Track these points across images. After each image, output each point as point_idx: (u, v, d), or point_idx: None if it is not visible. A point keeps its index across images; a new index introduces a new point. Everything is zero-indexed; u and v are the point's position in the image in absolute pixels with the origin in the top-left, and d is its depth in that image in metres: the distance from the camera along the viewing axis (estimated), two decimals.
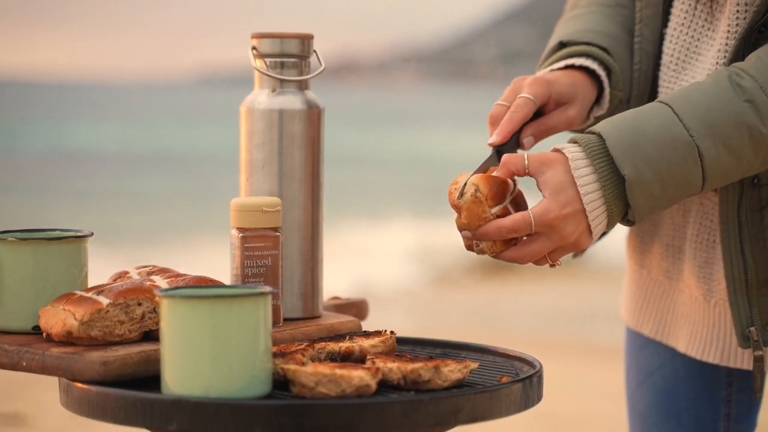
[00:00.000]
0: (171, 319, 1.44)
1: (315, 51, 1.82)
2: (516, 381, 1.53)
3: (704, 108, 1.72)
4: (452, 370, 1.51)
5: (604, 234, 1.90)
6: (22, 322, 1.66)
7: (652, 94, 1.98)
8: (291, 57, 1.79)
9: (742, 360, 1.97)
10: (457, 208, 1.65)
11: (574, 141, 1.71)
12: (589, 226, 1.68)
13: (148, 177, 21.08)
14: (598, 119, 1.94)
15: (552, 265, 1.73)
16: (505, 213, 1.67)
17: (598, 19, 1.99)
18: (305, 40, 1.80)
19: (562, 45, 1.96)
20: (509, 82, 1.88)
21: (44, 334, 1.61)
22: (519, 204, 1.70)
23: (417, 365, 1.50)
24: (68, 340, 1.57)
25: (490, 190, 1.64)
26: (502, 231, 1.65)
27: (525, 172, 1.68)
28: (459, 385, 1.52)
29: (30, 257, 1.66)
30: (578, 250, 1.73)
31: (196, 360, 1.43)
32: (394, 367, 1.51)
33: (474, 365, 1.54)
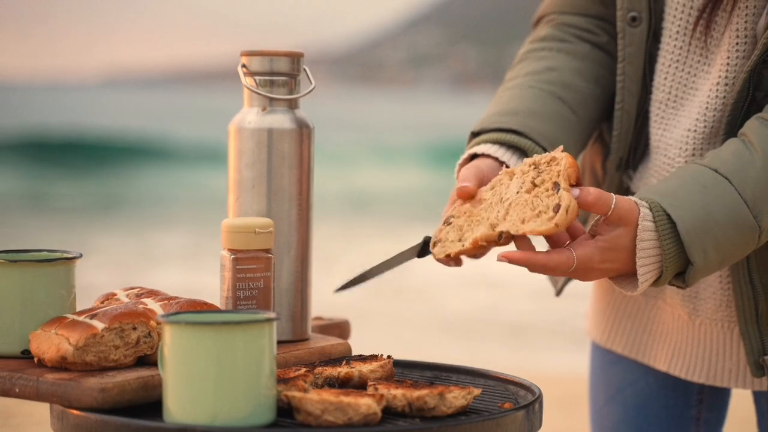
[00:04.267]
0: (174, 345, 1.41)
1: (305, 69, 1.79)
2: (519, 408, 1.52)
3: (762, 183, 1.72)
4: (456, 397, 1.50)
5: None
6: (10, 345, 1.62)
7: (639, 131, 1.99)
8: (281, 75, 1.76)
9: (729, 379, 1.98)
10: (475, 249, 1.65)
11: (649, 208, 1.69)
12: (617, 285, 1.70)
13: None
14: None
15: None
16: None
17: (515, 96, 1.99)
18: (295, 58, 1.77)
19: (473, 135, 1.96)
20: (418, 85, 1.89)
21: (36, 359, 1.57)
22: None
23: (423, 392, 1.48)
24: (62, 365, 1.53)
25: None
26: (547, 269, 1.65)
27: (605, 214, 1.66)
28: (462, 411, 1.50)
29: (18, 279, 1.62)
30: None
31: (200, 387, 1.40)
32: (398, 394, 1.49)
33: (477, 391, 1.53)
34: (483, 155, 1.89)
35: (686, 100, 1.92)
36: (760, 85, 1.81)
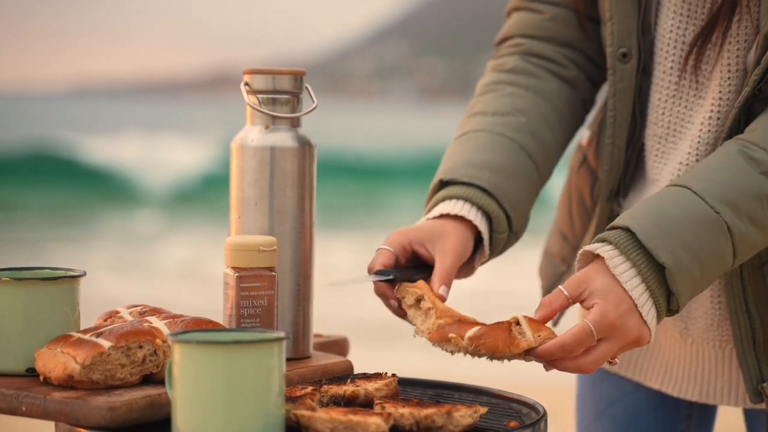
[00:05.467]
0: (184, 364, 1.41)
1: (307, 87, 1.80)
2: (525, 426, 1.53)
3: (723, 186, 1.71)
4: (463, 415, 1.50)
5: None
6: (15, 363, 1.62)
7: (628, 162, 1.99)
8: (283, 93, 1.77)
9: (721, 397, 1.99)
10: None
11: (603, 240, 1.69)
12: (643, 319, 1.66)
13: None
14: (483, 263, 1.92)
15: (611, 363, 1.69)
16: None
17: (485, 144, 1.94)
18: (298, 76, 1.78)
19: (442, 183, 1.92)
20: (385, 96, 1.88)
21: (41, 378, 1.57)
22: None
23: (430, 411, 1.49)
24: (68, 383, 1.53)
25: (538, 330, 1.63)
26: (566, 349, 1.62)
27: (570, 303, 1.66)
28: (469, 429, 1.51)
29: (22, 297, 1.61)
30: (641, 345, 1.68)
31: (210, 406, 1.40)
32: (406, 413, 1.49)
33: (483, 410, 1.53)
34: (455, 216, 1.86)
35: (683, 133, 1.92)
36: (751, 118, 1.81)
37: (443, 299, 1.76)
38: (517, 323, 1.62)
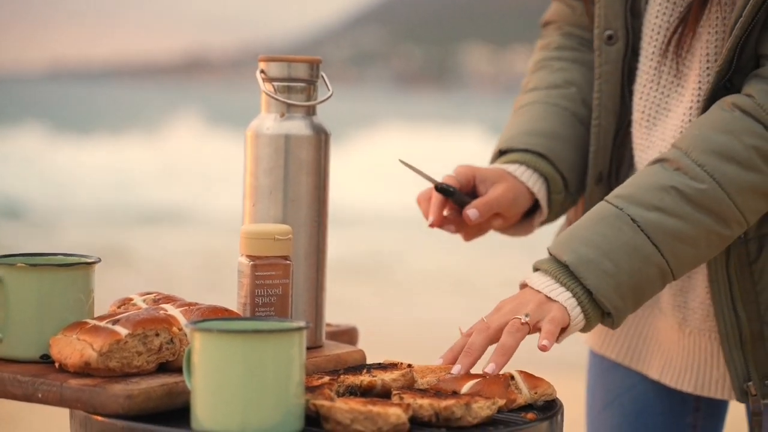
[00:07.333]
0: (204, 353, 1.40)
1: (322, 75, 1.79)
2: (543, 419, 1.53)
3: (629, 187, 1.78)
4: (482, 407, 1.50)
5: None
6: (29, 350, 1.60)
7: (620, 147, 2.01)
8: (299, 81, 1.76)
9: (716, 389, 1.99)
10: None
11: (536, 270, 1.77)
12: (548, 296, 1.70)
13: None
14: (542, 224, 2.05)
15: (542, 347, 1.66)
16: None
17: (540, 114, 2.05)
18: (314, 64, 1.77)
19: (501, 153, 2.03)
20: (362, 83, 1.93)
21: (56, 364, 1.56)
22: None
23: (450, 402, 1.49)
24: (85, 371, 1.52)
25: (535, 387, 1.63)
26: (465, 339, 1.69)
27: (529, 326, 1.68)
28: (488, 421, 1.51)
29: (36, 283, 1.60)
30: (557, 320, 1.69)
31: (230, 396, 1.39)
32: (425, 404, 1.49)
33: (501, 402, 1.54)
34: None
35: (659, 121, 1.94)
36: None
37: (470, 220, 1.88)
38: (512, 378, 1.62)
